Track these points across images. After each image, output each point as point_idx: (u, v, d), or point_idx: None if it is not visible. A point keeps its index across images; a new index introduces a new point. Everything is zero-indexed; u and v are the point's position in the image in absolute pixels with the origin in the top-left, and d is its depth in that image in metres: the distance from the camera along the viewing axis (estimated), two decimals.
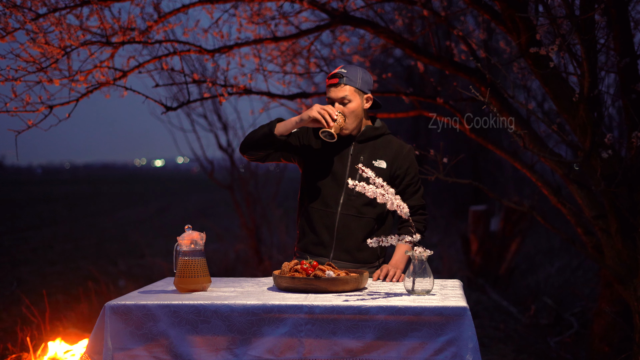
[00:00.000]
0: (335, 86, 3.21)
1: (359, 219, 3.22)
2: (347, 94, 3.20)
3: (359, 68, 3.27)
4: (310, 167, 3.30)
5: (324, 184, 3.25)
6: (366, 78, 3.26)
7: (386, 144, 3.30)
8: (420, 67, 5.05)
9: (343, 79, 3.20)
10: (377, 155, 3.26)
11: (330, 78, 3.24)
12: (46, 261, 10.82)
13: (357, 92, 3.22)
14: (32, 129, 4.07)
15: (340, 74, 3.21)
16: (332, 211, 3.23)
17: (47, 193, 29.86)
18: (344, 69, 3.23)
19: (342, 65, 3.29)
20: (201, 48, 4.48)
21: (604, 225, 4.03)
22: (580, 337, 5.81)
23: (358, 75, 3.23)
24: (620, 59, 3.76)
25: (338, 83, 3.20)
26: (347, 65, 3.29)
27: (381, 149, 3.28)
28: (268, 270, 8.25)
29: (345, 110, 3.20)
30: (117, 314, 2.67)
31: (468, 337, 2.53)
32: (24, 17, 3.94)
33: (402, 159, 3.28)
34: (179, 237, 2.93)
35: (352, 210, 3.22)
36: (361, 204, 3.22)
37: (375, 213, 3.24)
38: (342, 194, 3.23)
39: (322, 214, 3.24)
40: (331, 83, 3.22)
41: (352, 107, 3.21)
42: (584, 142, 3.79)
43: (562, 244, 9.77)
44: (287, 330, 2.60)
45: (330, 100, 3.23)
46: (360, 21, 4.57)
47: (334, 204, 3.23)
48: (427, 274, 2.80)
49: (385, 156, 3.26)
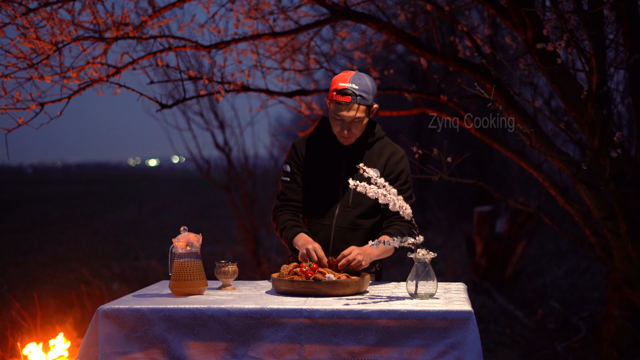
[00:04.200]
0: (347, 105, 3.04)
1: (354, 231, 3.18)
2: (361, 115, 3.08)
3: (367, 78, 3.09)
4: (305, 182, 3.25)
5: (319, 197, 3.21)
6: (375, 89, 3.12)
7: (379, 150, 3.22)
8: (423, 63, 5.05)
9: (356, 98, 3.04)
10: (370, 164, 3.19)
11: (340, 93, 3.04)
12: (37, 263, 10.78)
13: (367, 109, 3.10)
14: (23, 127, 4.05)
15: (353, 92, 3.03)
16: (327, 224, 3.20)
17: (38, 193, 29.80)
18: (354, 84, 3.03)
19: (350, 77, 3.06)
20: (197, 44, 4.46)
21: (613, 227, 4.00)
22: (589, 342, 5.77)
23: (370, 89, 3.07)
24: (630, 55, 3.72)
25: (351, 102, 3.04)
26: (356, 76, 3.07)
27: (374, 156, 3.21)
28: (266, 273, 8.22)
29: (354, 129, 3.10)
30: (111, 318, 2.66)
31: (472, 342, 2.53)
32: (14, 11, 3.90)
33: (393, 164, 3.20)
34: (174, 239, 2.92)
35: (347, 223, 3.19)
36: (356, 216, 3.18)
37: (370, 224, 3.21)
38: (337, 207, 3.19)
39: (318, 227, 3.20)
40: (342, 101, 3.04)
41: (364, 123, 3.13)
42: (593, 141, 3.76)
43: (569, 246, 9.76)
44: (287, 334, 2.60)
45: (339, 117, 3.08)
46: (361, 16, 4.54)
47: (329, 217, 3.19)
48: (430, 277, 2.78)
49: (379, 164, 3.20)
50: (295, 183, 3.23)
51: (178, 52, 4.52)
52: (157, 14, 4.40)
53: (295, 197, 3.23)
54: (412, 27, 5.81)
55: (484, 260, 7.94)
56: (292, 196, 3.23)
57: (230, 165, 9.26)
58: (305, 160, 3.23)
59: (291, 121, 19.57)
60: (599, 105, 3.64)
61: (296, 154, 3.25)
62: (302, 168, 3.23)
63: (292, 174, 3.23)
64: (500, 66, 4.95)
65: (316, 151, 3.23)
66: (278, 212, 3.24)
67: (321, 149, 3.23)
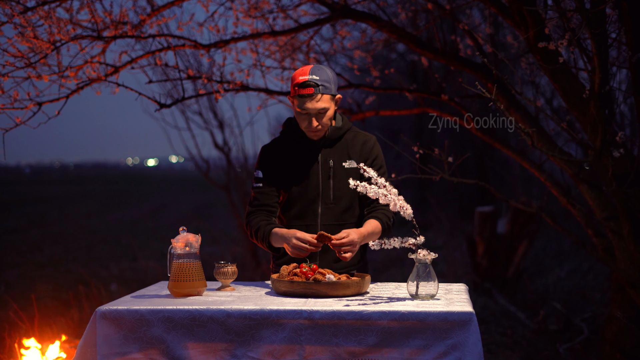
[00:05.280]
0: (310, 97, 3.01)
1: (340, 226, 3.12)
2: (326, 105, 3.04)
3: (327, 68, 3.08)
4: (281, 186, 3.18)
5: (300, 198, 3.15)
6: (336, 79, 3.10)
7: (351, 141, 3.19)
8: (424, 62, 5.06)
9: (319, 88, 3.01)
10: (345, 156, 3.16)
11: (301, 86, 3.01)
12: (35, 264, 10.79)
13: (332, 98, 3.07)
14: (20, 127, 4.04)
15: (314, 82, 3.00)
16: (311, 224, 3.14)
17: (36, 193, 29.82)
18: (314, 75, 3.01)
19: (309, 69, 3.04)
20: (196, 43, 4.44)
21: (616, 227, 3.99)
22: (591, 344, 5.77)
23: (331, 79, 3.04)
24: (632, 54, 3.71)
25: (314, 94, 3.01)
26: (315, 67, 3.05)
27: (348, 147, 3.18)
28: (266, 274, 8.19)
29: (320, 120, 3.05)
30: (109, 319, 2.65)
31: (473, 343, 2.53)
32: (12, 10, 3.90)
33: (367, 151, 3.18)
34: (173, 240, 2.91)
35: (332, 219, 3.14)
36: (340, 212, 3.14)
37: (355, 217, 3.17)
38: (320, 205, 3.14)
39: (303, 229, 3.09)
40: (305, 93, 3.01)
41: (329, 114, 3.08)
42: (595, 141, 3.76)
43: (571, 246, 9.79)
44: (287, 335, 2.60)
45: (304, 111, 3.04)
46: (362, 15, 4.53)
47: (313, 216, 3.14)
48: (431, 278, 2.78)
49: (354, 154, 3.17)
50: (268, 188, 3.16)
51: (177, 51, 4.53)
52: (155, 12, 4.39)
53: (268, 201, 3.15)
54: (412, 25, 5.81)
55: (485, 260, 7.94)
56: (265, 200, 3.15)
57: (230, 165, 9.24)
58: (278, 164, 3.17)
59: None
60: (601, 105, 3.63)
61: (267, 159, 3.19)
62: (276, 172, 3.17)
63: (264, 179, 3.17)
64: (501, 65, 4.94)
65: (287, 153, 3.18)
66: (250, 217, 3.16)
67: (292, 150, 3.18)
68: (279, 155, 3.18)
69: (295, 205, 3.15)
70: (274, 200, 3.16)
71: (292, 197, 3.16)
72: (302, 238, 2.92)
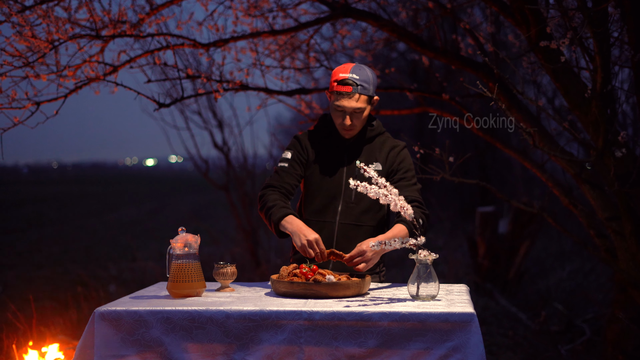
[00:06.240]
0: (348, 95, 3.04)
1: (358, 227, 3.15)
2: (362, 105, 3.07)
3: (367, 69, 3.10)
4: (308, 179, 3.22)
5: (321, 194, 3.17)
6: (375, 80, 3.13)
7: (380, 145, 3.21)
8: (425, 61, 5.12)
9: (357, 88, 3.03)
10: (372, 159, 3.18)
11: (340, 83, 3.04)
12: (33, 265, 10.80)
13: (369, 100, 3.09)
14: (18, 127, 4.04)
15: (354, 82, 3.03)
16: (330, 221, 3.16)
17: (33, 193, 29.83)
18: (355, 74, 3.04)
19: (350, 67, 3.07)
20: (195, 42, 4.44)
21: (618, 227, 3.97)
22: (593, 345, 5.78)
23: (370, 80, 3.07)
24: (634, 53, 3.69)
25: (352, 92, 3.03)
26: (356, 67, 3.08)
27: (376, 150, 3.20)
28: (265, 275, 8.22)
29: (355, 120, 3.08)
30: (107, 320, 2.64)
31: (475, 344, 2.52)
32: (10, 9, 3.89)
33: (394, 155, 3.19)
34: (172, 240, 2.90)
35: (350, 219, 3.15)
36: (359, 212, 3.15)
37: (374, 220, 3.18)
38: (340, 203, 3.16)
39: (321, 225, 3.15)
40: (343, 91, 3.04)
41: (364, 115, 3.11)
42: (597, 140, 3.74)
43: (573, 247, 9.81)
44: (286, 337, 2.59)
45: (340, 108, 3.06)
46: (362, 13, 4.53)
47: (332, 214, 3.16)
48: (432, 279, 2.77)
49: (380, 158, 3.19)
50: (292, 169, 3.18)
51: (176, 50, 4.51)
52: (154, 11, 4.38)
53: (289, 180, 3.16)
54: (413, 24, 5.81)
55: (486, 261, 7.93)
56: (286, 179, 3.16)
57: (229, 165, 9.24)
58: (307, 153, 3.21)
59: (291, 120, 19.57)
60: (603, 104, 3.62)
61: (300, 146, 3.22)
62: (304, 161, 3.20)
63: (291, 160, 3.19)
64: (503, 64, 4.94)
65: (317, 147, 3.21)
66: (268, 190, 3.16)
67: (322, 145, 3.21)
68: (309, 146, 3.21)
69: (316, 199, 3.17)
70: (294, 182, 3.17)
71: (313, 190, 3.18)
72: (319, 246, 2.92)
